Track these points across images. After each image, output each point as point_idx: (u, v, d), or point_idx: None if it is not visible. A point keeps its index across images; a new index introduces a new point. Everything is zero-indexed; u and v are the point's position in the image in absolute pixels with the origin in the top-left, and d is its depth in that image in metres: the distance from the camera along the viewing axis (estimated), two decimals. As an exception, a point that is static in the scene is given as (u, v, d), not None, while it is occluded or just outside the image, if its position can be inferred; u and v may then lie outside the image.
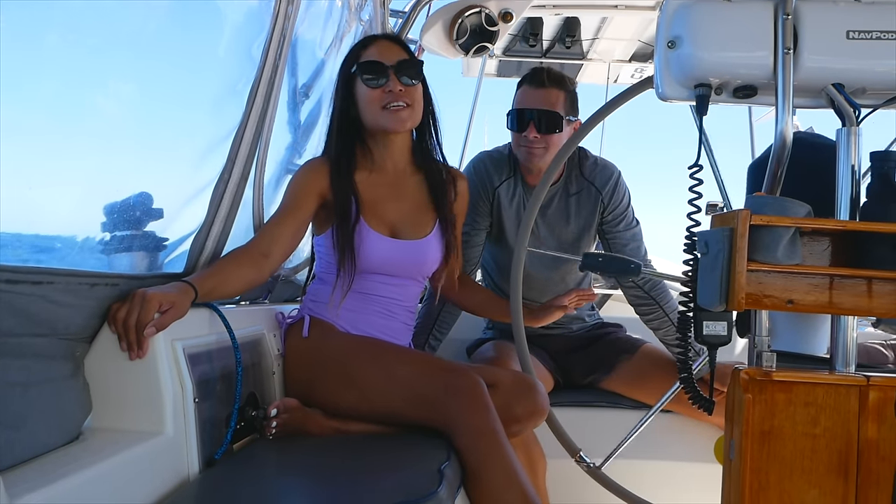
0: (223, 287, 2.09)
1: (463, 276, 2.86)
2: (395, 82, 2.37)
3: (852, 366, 1.70)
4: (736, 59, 1.78)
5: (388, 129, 2.41)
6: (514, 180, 3.15)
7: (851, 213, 1.70)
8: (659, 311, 3.10)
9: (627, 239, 3.14)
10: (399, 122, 2.39)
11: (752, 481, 1.63)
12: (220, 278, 2.06)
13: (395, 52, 2.43)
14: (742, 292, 1.58)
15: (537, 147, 2.98)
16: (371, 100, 2.39)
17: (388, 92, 2.37)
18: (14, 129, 1.51)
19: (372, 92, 2.38)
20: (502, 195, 3.14)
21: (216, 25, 2.41)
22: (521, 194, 3.15)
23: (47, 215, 1.77)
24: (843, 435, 1.63)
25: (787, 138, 1.73)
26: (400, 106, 2.37)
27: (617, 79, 5.38)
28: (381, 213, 2.44)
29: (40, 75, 1.70)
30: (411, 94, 2.40)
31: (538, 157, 3.00)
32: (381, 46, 2.44)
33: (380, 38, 2.50)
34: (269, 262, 2.25)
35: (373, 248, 2.38)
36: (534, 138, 2.97)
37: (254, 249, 2.24)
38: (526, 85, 3.07)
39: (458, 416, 2.06)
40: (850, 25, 1.74)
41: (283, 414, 2.14)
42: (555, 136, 2.98)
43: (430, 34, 3.65)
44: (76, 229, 1.93)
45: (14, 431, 1.39)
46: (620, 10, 3.96)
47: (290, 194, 2.38)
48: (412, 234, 2.47)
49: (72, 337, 1.62)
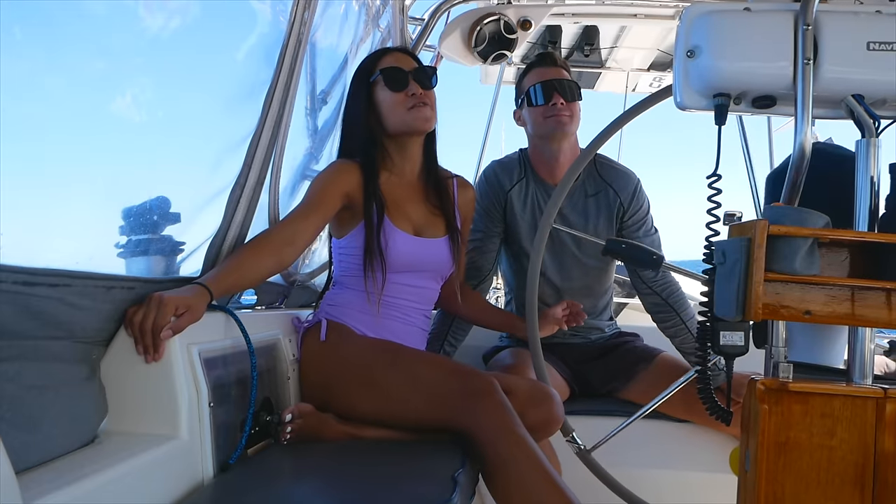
0: (242, 282, 2.13)
1: (463, 286, 2.90)
2: (415, 85, 2.51)
3: (869, 378, 1.69)
4: (755, 69, 1.77)
5: (415, 129, 2.52)
6: (527, 181, 3.18)
7: (870, 225, 1.68)
8: (676, 318, 3.09)
9: (647, 245, 3.13)
10: (424, 121, 2.51)
11: (767, 492, 1.62)
12: (238, 274, 2.07)
13: (409, 62, 2.58)
14: (759, 302, 1.58)
15: (565, 114, 3.06)
16: (396, 103, 2.50)
17: (412, 95, 2.50)
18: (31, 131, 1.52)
19: (396, 95, 2.50)
20: (514, 198, 3.16)
21: (234, 30, 2.42)
22: (534, 194, 3.17)
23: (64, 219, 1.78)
24: (859, 447, 1.62)
25: (806, 149, 1.72)
26: (423, 105, 2.49)
27: (636, 87, 5.36)
28: (405, 213, 2.51)
29: (58, 79, 1.71)
30: (430, 97, 2.53)
31: (567, 124, 3.07)
32: (396, 56, 2.59)
33: (394, 50, 2.63)
34: (292, 251, 2.26)
35: (400, 245, 2.44)
36: (562, 104, 3.06)
37: (277, 238, 2.23)
38: (538, 67, 3.18)
39: (480, 415, 2.06)
40: (871, 36, 1.73)
41: (297, 419, 2.14)
42: (576, 105, 3.12)
43: (448, 41, 3.66)
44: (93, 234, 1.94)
45: (30, 434, 1.40)
46: (640, 19, 3.95)
47: (316, 190, 2.40)
48: (432, 233, 2.56)
49: (88, 340, 1.62)
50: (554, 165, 3.13)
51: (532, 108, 3.13)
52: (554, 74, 3.11)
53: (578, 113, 3.12)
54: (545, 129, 3.11)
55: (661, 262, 2.33)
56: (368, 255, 2.41)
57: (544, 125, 3.10)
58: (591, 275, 3.22)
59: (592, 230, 3.16)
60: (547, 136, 3.11)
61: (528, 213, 3.17)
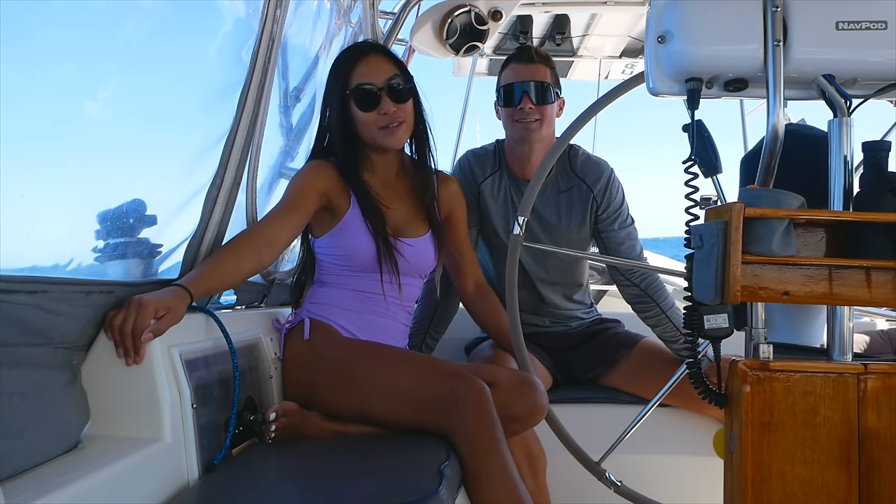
0: (221, 283, 2.12)
1: (486, 288, 2.88)
2: (387, 103, 2.43)
3: (849, 355, 1.71)
4: (726, 53, 1.79)
5: (387, 147, 2.48)
6: (500, 174, 3.17)
7: (845, 204, 1.70)
8: (656, 308, 3.09)
9: (623, 238, 3.14)
10: (396, 141, 2.47)
11: (753, 473, 1.63)
12: (218, 276, 2.06)
13: (384, 68, 2.46)
14: (737, 285, 1.59)
15: (532, 119, 3.02)
16: (367, 122, 2.44)
17: (384, 114, 2.43)
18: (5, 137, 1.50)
19: (367, 115, 2.44)
20: (485, 190, 3.15)
21: (205, 31, 2.41)
22: (507, 187, 3.16)
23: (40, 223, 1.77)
24: (843, 424, 1.64)
25: (779, 130, 1.73)
26: (395, 126, 2.44)
27: (608, 75, 5.37)
28: (384, 214, 2.47)
29: (31, 83, 1.70)
30: (404, 111, 2.46)
31: (535, 131, 3.04)
32: (370, 64, 2.46)
33: (367, 53, 2.50)
34: (271, 253, 2.24)
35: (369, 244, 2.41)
36: (529, 109, 3.01)
37: (256, 238, 2.22)
38: (514, 63, 3.12)
39: (461, 421, 2.06)
40: (840, 16, 1.74)
41: (281, 417, 2.14)
42: (548, 108, 3.04)
43: (419, 35, 3.66)
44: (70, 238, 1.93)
45: (12, 441, 1.39)
46: (610, 6, 3.96)
47: (294, 190, 2.38)
48: (411, 233, 2.52)
49: (68, 345, 1.61)
50: (525, 163, 3.12)
51: (503, 108, 3.12)
52: (528, 74, 3.07)
53: (552, 115, 3.08)
54: (513, 132, 3.10)
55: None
56: (380, 261, 2.41)
57: (512, 128, 3.10)
58: (566, 265, 3.22)
59: (566, 226, 3.16)
60: (516, 139, 3.11)
61: (501, 205, 3.17)
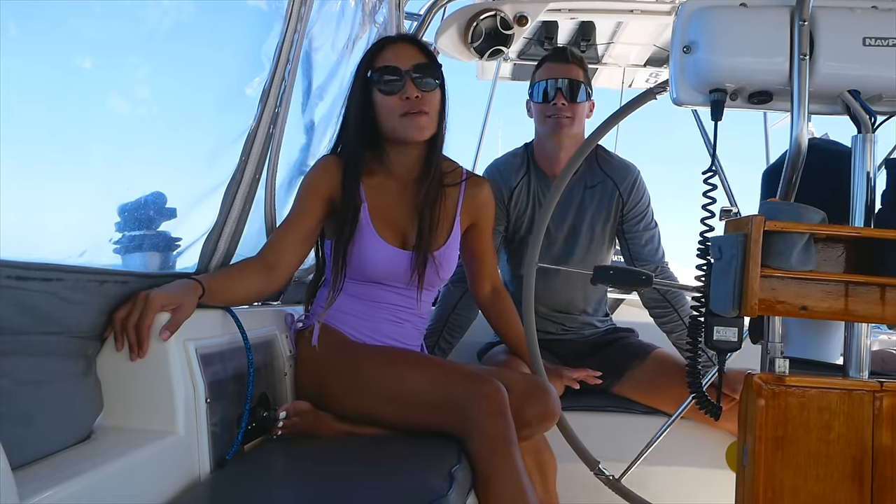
0: (229, 293, 2.09)
1: (503, 292, 2.80)
2: (411, 88, 2.28)
3: (865, 372, 1.69)
4: (751, 65, 1.78)
5: (407, 138, 2.32)
6: (529, 177, 3.22)
7: (866, 220, 1.69)
8: (674, 313, 3.10)
9: (647, 239, 3.17)
10: (417, 131, 2.30)
11: (766, 488, 1.62)
12: (227, 285, 2.07)
13: (410, 55, 2.33)
14: (755, 298, 1.58)
15: (565, 116, 3.09)
16: (388, 107, 2.31)
17: (406, 99, 2.28)
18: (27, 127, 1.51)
19: (388, 99, 2.30)
20: (517, 195, 3.21)
21: (233, 25, 2.42)
22: (535, 188, 3.20)
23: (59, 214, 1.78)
24: (857, 441, 1.62)
25: (802, 144, 1.72)
26: (416, 113, 2.29)
27: (632, 83, 5.35)
28: (391, 221, 2.38)
29: (54, 75, 1.71)
30: (428, 101, 2.31)
31: (566, 126, 3.10)
32: (396, 49, 2.35)
33: (396, 41, 2.40)
34: (276, 274, 2.25)
35: (381, 257, 2.33)
36: (562, 105, 3.09)
37: (261, 261, 2.25)
38: (549, 62, 3.19)
39: (477, 421, 2.03)
40: (867, 32, 1.73)
41: (294, 417, 2.14)
42: (580, 106, 3.12)
43: (445, 37, 3.65)
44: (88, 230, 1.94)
45: (25, 429, 1.40)
46: (636, 14, 3.95)
47: (298, 199, 2.35)
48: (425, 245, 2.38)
49: (83, 335, 1.62)
50: (554, 161, 3.16)
51: (536, 104, 3.18)
52: (562, 72, 3.12)
53: (582, 113, 3.14)
54: (545, 128, 3.16)
55: (651, 280, 2.28)
56: (334, 261, 2.34)
57: (544, 123, 3.15)
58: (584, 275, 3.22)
59: (591, 222, 3.19)
60: (547, 134, 3.14)
61: (530, 208, 3.20)
